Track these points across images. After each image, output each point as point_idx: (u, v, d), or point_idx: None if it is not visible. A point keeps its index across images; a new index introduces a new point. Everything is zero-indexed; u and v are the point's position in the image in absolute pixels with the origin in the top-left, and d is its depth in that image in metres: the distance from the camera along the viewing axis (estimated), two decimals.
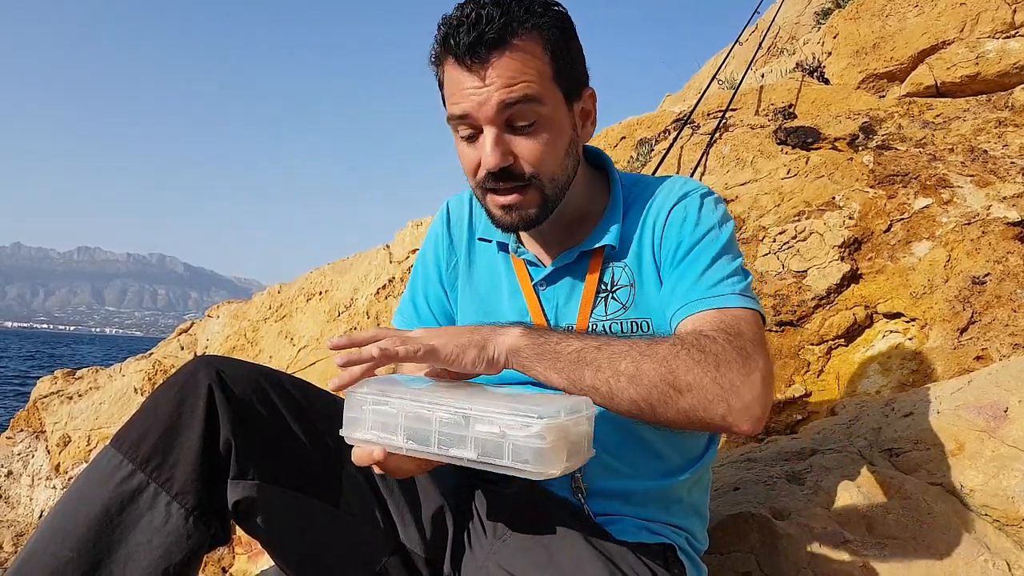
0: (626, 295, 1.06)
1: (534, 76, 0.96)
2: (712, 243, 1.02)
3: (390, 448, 0.83)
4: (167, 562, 0.88)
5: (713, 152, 2.69)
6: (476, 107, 0.96)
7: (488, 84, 0.95)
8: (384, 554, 0.98)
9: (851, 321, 1.95)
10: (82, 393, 4.10)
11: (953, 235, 1.99)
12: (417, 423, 0.81)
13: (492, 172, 0.98)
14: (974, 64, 2.72)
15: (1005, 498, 1.17)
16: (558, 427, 0.76)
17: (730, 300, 0.95)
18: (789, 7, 5.06)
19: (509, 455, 0.76)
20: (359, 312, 3.72)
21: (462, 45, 0.94)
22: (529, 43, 0.96)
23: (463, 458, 0.79)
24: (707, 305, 0.95)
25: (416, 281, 1.25)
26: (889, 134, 2.52)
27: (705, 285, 0.98)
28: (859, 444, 1.41)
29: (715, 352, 0.86)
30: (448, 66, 0.99)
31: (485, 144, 0.97)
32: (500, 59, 0.94)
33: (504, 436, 0.76)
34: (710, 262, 1.00)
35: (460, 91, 0.97)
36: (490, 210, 1.04)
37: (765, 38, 4.50)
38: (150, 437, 0.90)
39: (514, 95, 0.95)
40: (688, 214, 1.05)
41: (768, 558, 1.19)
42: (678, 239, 1.03)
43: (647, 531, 1.03)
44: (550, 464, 0.75)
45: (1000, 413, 1.26)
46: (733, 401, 0.84)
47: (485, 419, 0.77)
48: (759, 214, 2.30)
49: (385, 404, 0.83)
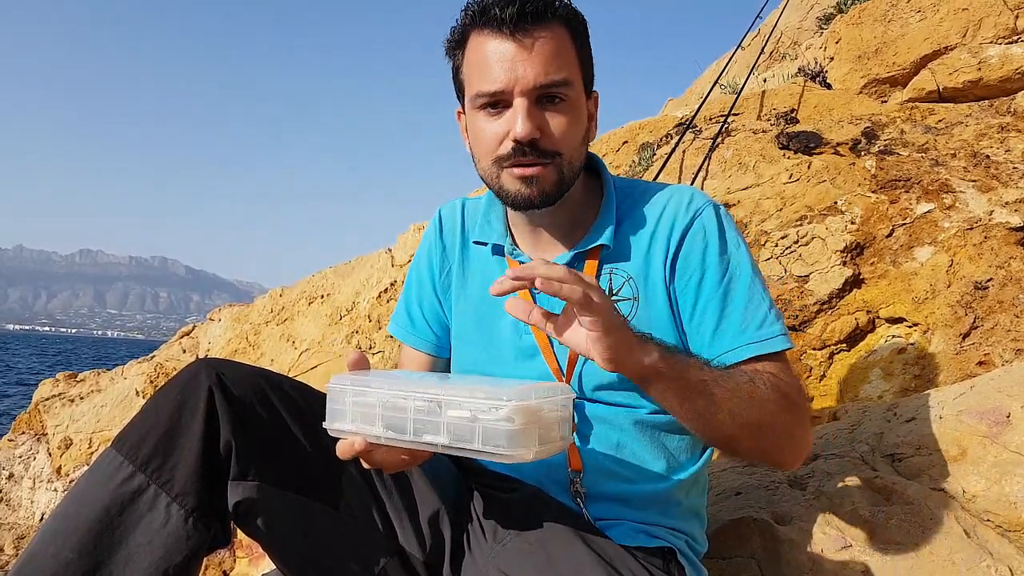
0: (628, 308, 1.05)
1: (569, 58, 1.01)
2: (741, 272, 1.03)
3: (370, 438, 0.83)
4: (167, 563, 0.88)
5: (715, 157, 2.69)
6: (513, 79, 0.97)
7: (530, 55, 0.97)
8: (384, 556, 0.98)
9: (853, 326, 1.95)
10: (84, 396, 4.10)
11: (955, 240, 1.99)
12: (394, 412, 0.81)
13: (520, 144, 0.99)
14: (976, 69, 2.73)
15: (1007, 504, 1.17)
16: (527, 409, 0.76)
17: (780, 343, 1.00)
18: (791, 12, 5.07)
19: (480, 439, 0.77)
20: (361, 315, 3.73)
21: (506, 16, 0.96)
22: (561, 28, 1.00)
23: (436, 444, 0.79)
24: (763, 350, 0.99)
25: (410, 289, 1.26)
26: (891, 139, 2.52)
27: (753, 326, 1.00)
28: (861, 449, 1.41)
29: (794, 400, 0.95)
30: (481, 39, 1.00)
31: (518, 114, 0.98)
32: (542, 34, 0.98)
33: (475, 420, 0.77)
34: (748, 295, 1.02)
35: (497, 62, 0.98)
36: (506, 187, 1.04)
37: (767, 43, 4.51)
38: (150, 439, 0.91)
39: (552, 73, 0.98)
40: (709, 239, 1.04)
41: (770, 563, 1.19)
42: (702, 266, 1.03)
43: (646, 535, 1.02)
44: (520, 446, 0.75)
45: (1003, 418, 1.26)
46: (796, 449, 0.98)
47: (455, 404, 0.78)
48: (761, 219, 2.30)
49: (364, 395, 0.83)
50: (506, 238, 1.13)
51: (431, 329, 1.23)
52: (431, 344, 1.23)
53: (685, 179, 2.71)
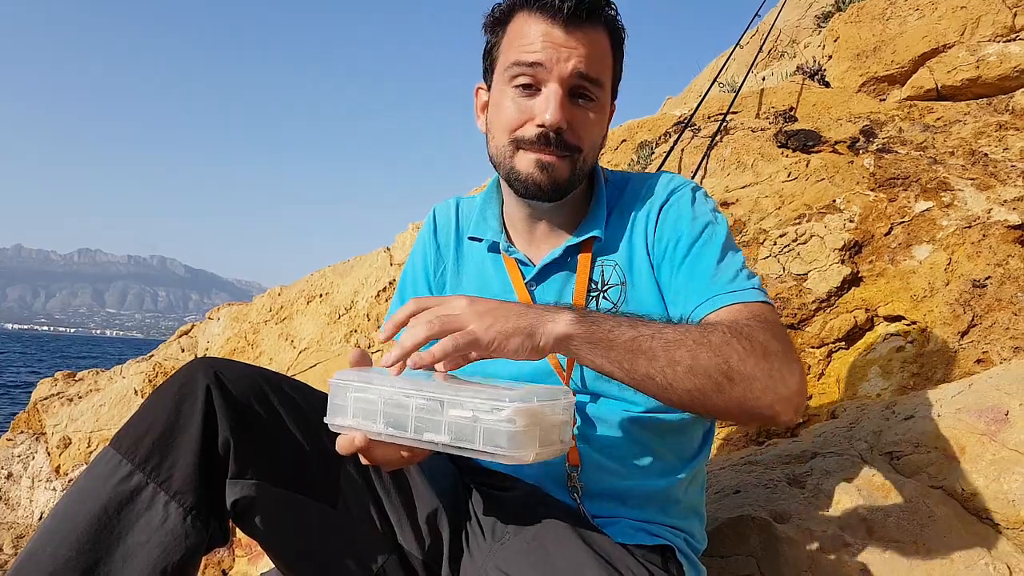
0: (616, 294, 1.06)
1: (607, 61, 1.03)
2: (714, 236, 1.03)
3: (370, 435, 0.83)
4: (165, 562, 0.88)
5: (714, 155, 2.69)
6: (554, 60, 0.98)
7: (577, 45, 0.98)
8: (382, 554, 0.98)
9: (852, 324, 1.95)
10: (82, 395, 4.10)
11: (954, 238, 1.99)
12: (396, 409, 0.82)
13: (546, 131, 0.99)
14: (975, 67, 2.73)
15: (1006, 501, 1.17)
16: (529, 411, 0.76)
17: (752, 294, 0.96)
18: (790, 10, 5.07)
19: (481, 439, 0.77)
20: (359, 314, 3.72)
21: (567, 5, 0.97)
22: (606, 33, 1.03)
23: (437, 442, 0.80)
24: (732, 300, 0.95)
25: (404, 288, 1.26)
26: (890, 137, 2.52)
27: (723, 280, 0.98)
28: (860, 447, 1.41)
29: (762, 341, 0.86)
30: (528, 19, 1.00)
31: (551, 100, 0.98)
32: (592, 29, 1.00)
33: (476, 420, 0.77)
34: (720, 256, 1.00)
35: (542, 41, 0.99)
36: (518, 167, 1.03)
37: (766, 41, 4.51)
38: (149, 437, 0.91)
39: (592, 69, 0.99)
40: (682, 210, 1.06)
41: (768, 561, 1.19)
42: (675, 235, 1.04)
43: (645, 532, 1.02)
44: (522, 448, 0.76)
45: (1001, 416, 1.26)
46: (781, 390, 0.85)
47: (458, 403, 0.78)
48: (760, 217, 2.30)
49: (365, 391, 0.84)
50: (501, 235, 1.14)
51: None
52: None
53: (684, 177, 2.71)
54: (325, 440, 0.97)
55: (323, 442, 0.98)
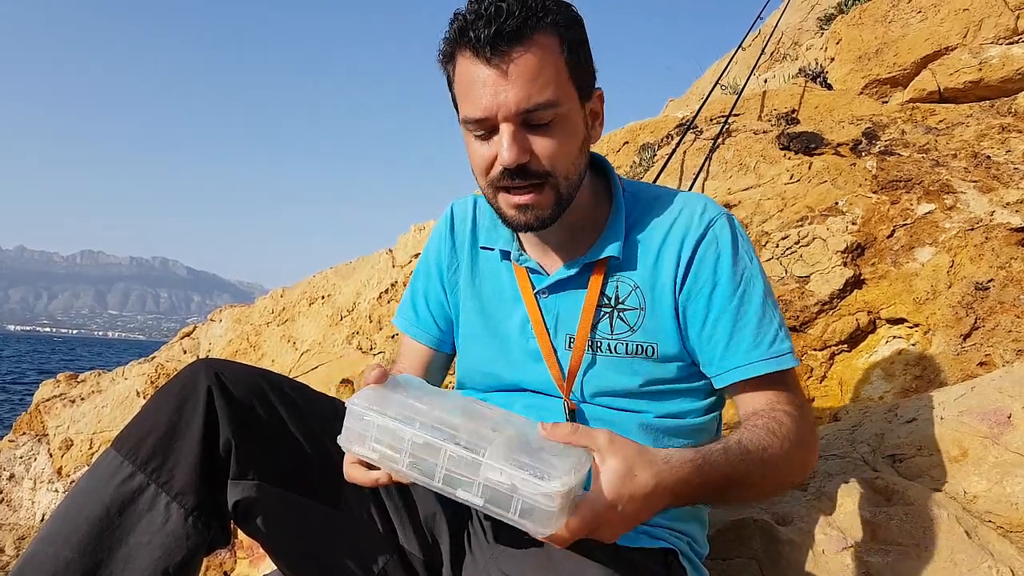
0: (635, 317, 1.04)
1: (553, 74, 0.94)
2: (755, 285, 1.03)
3: (391, 470, 0.81)
4: (166, 562, 0.88)
5: (716, 157, 2.69)
6: (494, 105, 0.93)
7: (509, 81, 0.92)
8: (384, 555, 0.98)
9: (854, 327, 1.95)
10: (84, 396, 4.10)
11: (956, 241, 1.99)
12: (424, 452, 0.77)
13: (509, 169, 0.95)
14: (977, 70, 2.72)
15: (1009, 504, 1.17)
16: (569, 492, 0.74)
17: (787, 361, 1.01)
18: (792, 12, 5.07)
19: (516, 511, 0.74)
20: (361, 316, 3.73)
21: (482, 38, 0.91)
22: (547, 39, 0.94)
23: (468, 501, 0.76)
24: (769, 368, 1.00)
25: (417, 282, 1.25)
26: (892, 139, 2.52)
27: (765, 343, 1.00)
28: (862, 450, 1.41)
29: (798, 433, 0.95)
30: (464, 61, 0.95)
31: (503, 140, 0.94)
32: (521, 55, 0.92)
33: (514, 490, 0.74)
34: (761, 311, 1.01)
35: (478, 88, 0.94)
36: (502, 210, 1.02)
37: (768, 43, 4.51)
38: (150, 439, 0.91)
39: (534, 96, 0.93)
40: (722, 250, 1.03)
41: (770, 564, 1.19)
42: (713, 277, 1.02)
43: (648, 536, 1.02)
44: (551, 526, 0.74)
45: (1004, 419, 1.26)
46: (808, 469, 1.01)
47: (496, 469, 0.74)
48: (762, 219, 2.30)
49: (393, 425, 0.79)
50: (513, 243, 1.12)
51: (435, 323, 1.23)
52: (433, 338, 1.23)
53: (686, 179, 2.71)
54: (326, 441, 0.97)
55: (324, 443, 0.98)
